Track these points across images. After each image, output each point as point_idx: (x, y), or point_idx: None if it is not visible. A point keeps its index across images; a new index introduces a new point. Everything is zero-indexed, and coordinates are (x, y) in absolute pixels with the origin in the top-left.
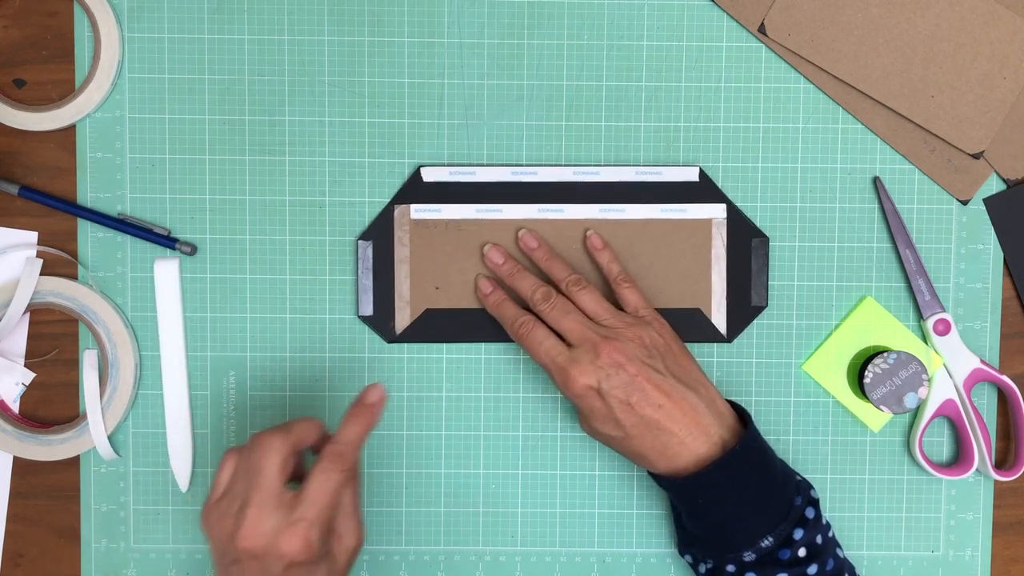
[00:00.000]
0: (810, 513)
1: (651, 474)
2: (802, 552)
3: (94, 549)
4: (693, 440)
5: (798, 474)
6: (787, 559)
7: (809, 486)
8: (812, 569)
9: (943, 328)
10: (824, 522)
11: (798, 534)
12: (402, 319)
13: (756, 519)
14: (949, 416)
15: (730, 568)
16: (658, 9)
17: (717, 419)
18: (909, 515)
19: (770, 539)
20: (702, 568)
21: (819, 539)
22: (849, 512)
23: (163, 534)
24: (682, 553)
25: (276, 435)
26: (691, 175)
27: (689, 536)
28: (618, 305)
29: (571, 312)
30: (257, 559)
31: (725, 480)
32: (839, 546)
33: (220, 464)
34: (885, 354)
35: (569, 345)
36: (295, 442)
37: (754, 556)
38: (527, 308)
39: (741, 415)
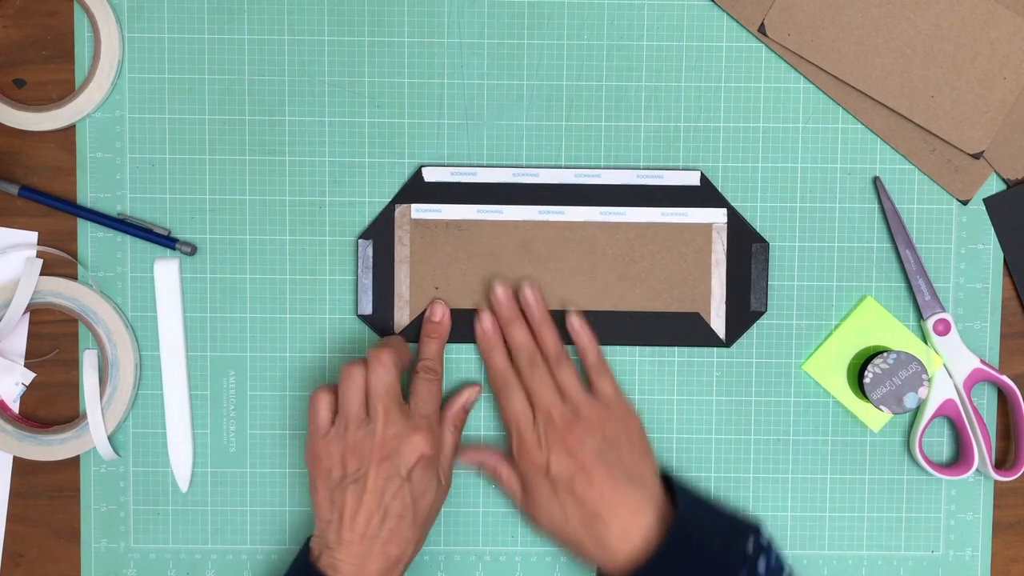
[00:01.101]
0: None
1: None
2: None
3: (94, 549)
4: (627, 537)
5: (743, 521)
6: None
7: (759, 545)
8: None
9: (943, 328)
10: (773, 565)
11: None
12: (401, 318)
13: None
14: (949, 416)
15: None
16: (658, 9)
17: (656, 516)
18: (909, 515)
19: None
20: None
21: None
22: (849, 512)
23: (163, 534)
24: None
25: (388, 353)
26: (692, 179)
27: None
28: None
29: (548, 386)
30: (388, 460)
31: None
32: None
33: (313, 405)
34: (885, 354)
35: (535, 416)
36: (403, 360)
37: None
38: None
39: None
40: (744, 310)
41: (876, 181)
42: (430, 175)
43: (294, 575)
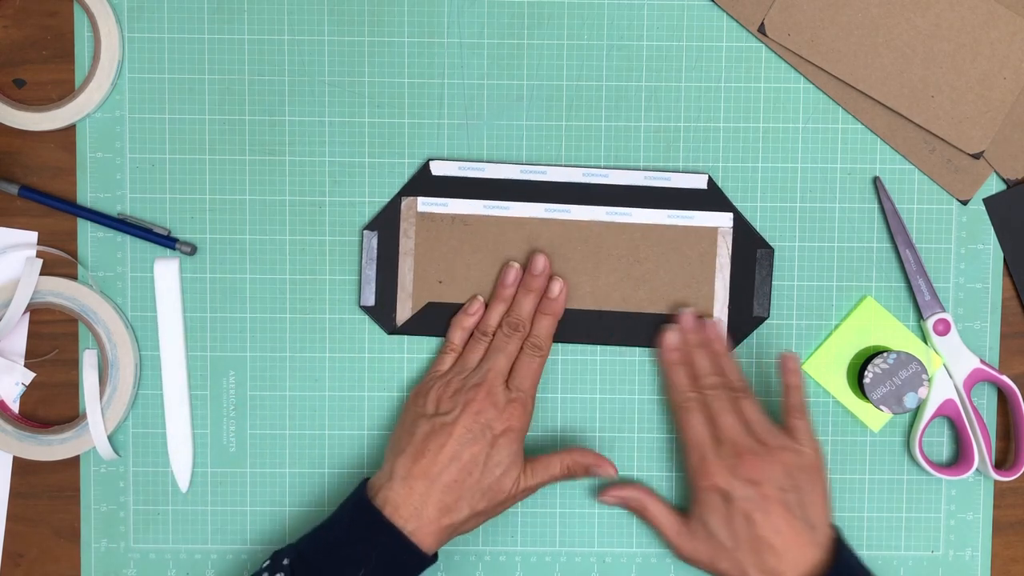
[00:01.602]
0: None
1: None
2: None
3: (94, 549)
4: (797, 570)
5: None
6: None
7: None
8: None
9: (943, 328)
10: None
11: None
12: (403, 311)
13: None
14: (949, 416)
15: None
16: (658, 9)
17: (824, 554)
18: (909, 515)
19: None
20: None
21: None
22: (849, 512)
23: (163, 534)
24: None
25: (521, 338)
26: (699, 182)
27: None
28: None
29: (733, 412)
30: (480, 416)
31: None
32: None
33: (440, 353)
34: (885, 354)
35: (718, 439)
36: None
37: None
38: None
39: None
40: (747, 315)
41: (876, 181)
42: (437, 169)
43: (348, 507)
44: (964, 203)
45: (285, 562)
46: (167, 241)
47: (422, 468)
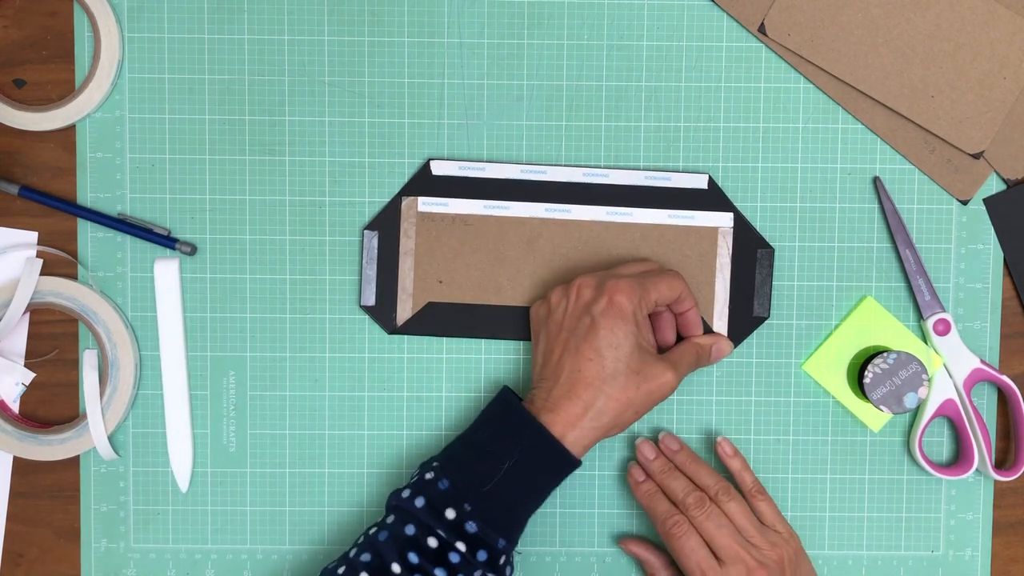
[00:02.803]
0: None
1: None
2: None
3: (94, 549)
4: None
5: None
6: None
7: None
8: None
9: (943, 328)
10: None
11: None
12: (404, 311)
13: None
14: (949, 416)
15: None
16: (658, 9)
17: None
18: (909, 515)
19: None
20: None
21: None
22: (849, 512)
23: (163, 534)
24: None
25: (649, 289)
26: (700, 182)
27: None
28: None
29: (724, 526)
30: (581, 301)
31: None
32: None
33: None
34: (885, 354)
35: (718, 558)
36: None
37: None
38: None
39: None
40: (747, 315)
41: (876, 181)
42: (438, 168)
43: (494, 407)
44: (964, 203)
45: (435, 464)
46: (167, 241)
47: (543, 367)
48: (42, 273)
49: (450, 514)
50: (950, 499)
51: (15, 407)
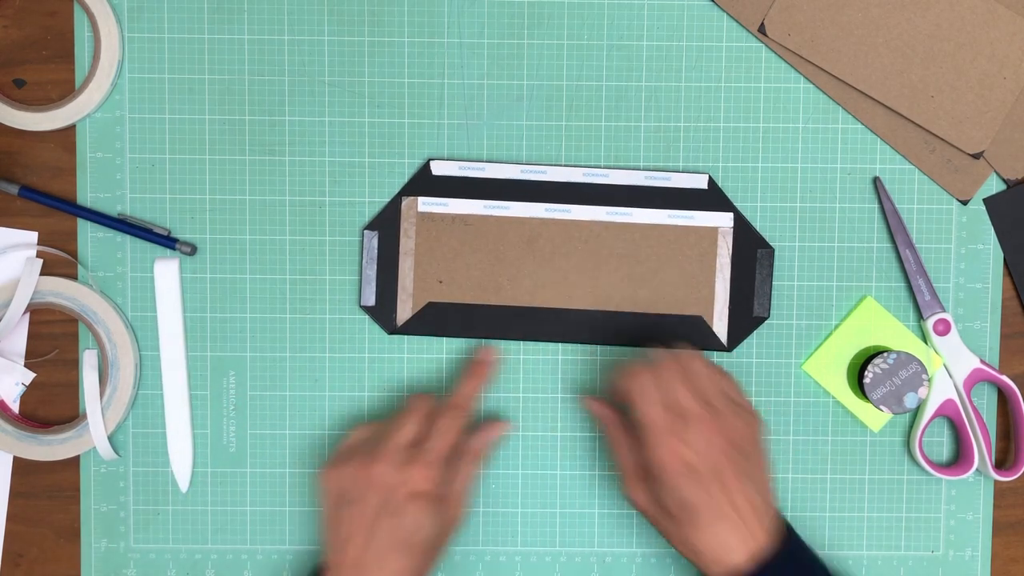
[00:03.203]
0: None
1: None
2: None
3: (94, 549)
4: (746, 543)
5: None
6: None
7: None
8: None
9: (943, 328)
10: None
11: None
12: (404, 311)
13: None
14: (949, 416)
15: None
16: (658, 9)
17: (773, 530)
18: (909, 515)
19: None
20: None
21: None
22: (849, 512)
23: (163, 534)
24: None
25: (449, 419)
26: (700, 182)
27: None
28: None
29: (684, 381)
30: (383, 492)
31: None
32: None
33: (350, 435)
34: (885, 354)
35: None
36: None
37: None
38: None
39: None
40: (747, 315)
41: (876, 181)
42: (438, 169)
43: None
44: (964, 203)
45: None
46: (167, 241)
47: (348, 557)
48: (42, 273)
49: None
50: (950, 499)
51: (15, 407)
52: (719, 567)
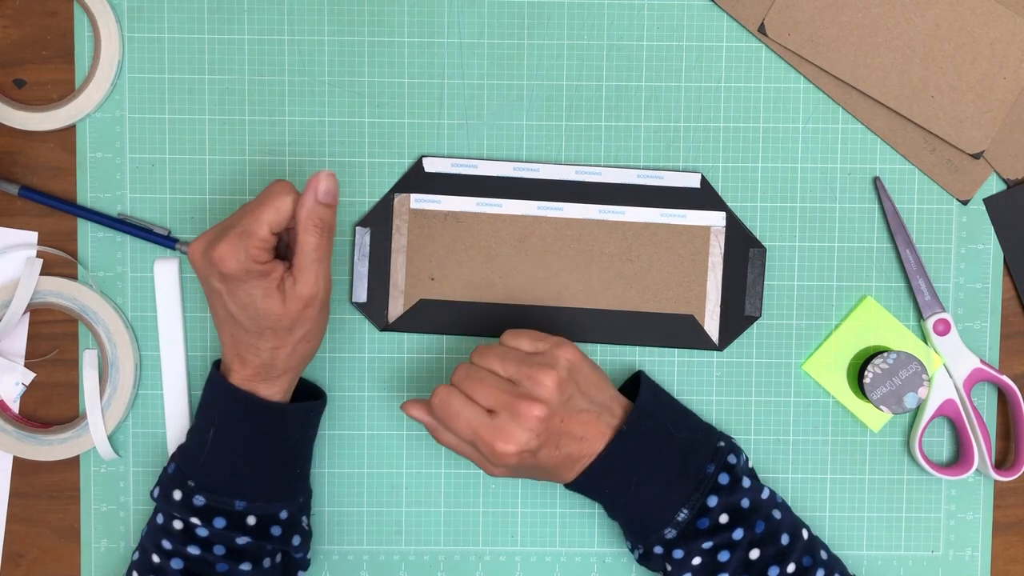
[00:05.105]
0: (724, 479)
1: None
2: (723, 518)
3: (94, 549)
4: (594, 445)
5: (722, 439)
6: (707, 527)
7: (729, 451)
8: (738, 534)
9: (943, 328)
10: (748, 485)
11: (712, 501)
12: (395, 308)
13: (664, 493)
14: (949, 416)
15: (657, 550)
16: (658, 9)
17: (621, 414)
18: (909, 515)
19: (684, 511)
20: (635, 555)
21: (744, 502)
22: (849, 512)
23: None
24: (630, 549)
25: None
26: (692, 181)
27: (621, 529)
28: None
29: (484, 378)
30: (203, 277)
31: (619, 466)
32: (780, 508)
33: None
34: (885, 354)
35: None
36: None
37: (675, 532)
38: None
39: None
40: (738, 314)
41: (876, 181)
42: (430, 166)
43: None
44: (964, 203)
45: (172, 453)
46: (167, 241)
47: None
48: (42, 273)
49: (177, 495)
50: (950, 499)
51: (15, 407)
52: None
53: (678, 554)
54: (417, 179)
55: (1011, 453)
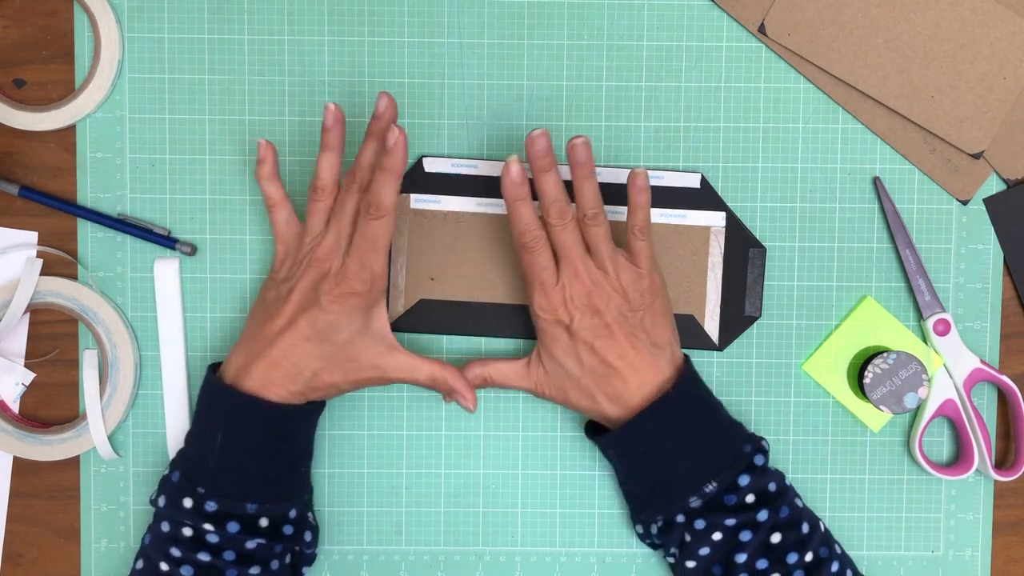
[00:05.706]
0: (759, 460)
1: (592, 438)
2: (750, 498)
3: (94, 549)
4: (643, 390)
5: (752, 433)
6: (733, 504)
7: (761, 438)
8: (762, 515)
9: (943, 328)
10: (776, 471)
11: (743, 480)
12: (396, 308)
13: (697, 463)
14: (949, 416)
15: (679, 518)
16: (658, 9)
17: (673, 373)
18: (909, 515)
19: (713, 484)
20: (654, 528)
21: (772, 487)
22: (849, 512)
23: None
24: (634, 524)
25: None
26: (692, 181)
27: (637, 501)
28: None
29: (576, 243)
30: (313, 282)
31: (661, 425)
32: (800, 498)
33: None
34: (885, 354)
35: (560, 268)
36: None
37: (700, 502)
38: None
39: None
40: (738, 314)
41: (876, 181)
42: (430, 166)
43: (202, 394)
44: (964, 203)
45: (172, 460)
46: (167, 241)
47: (264, 334)
48: (42, 273)
49: (187, 503)
50: (950, 499)
51: (15, 407)
52: (619, 407)
53: (699, 524)
54: (417, 179)
55: (1011, 453)
